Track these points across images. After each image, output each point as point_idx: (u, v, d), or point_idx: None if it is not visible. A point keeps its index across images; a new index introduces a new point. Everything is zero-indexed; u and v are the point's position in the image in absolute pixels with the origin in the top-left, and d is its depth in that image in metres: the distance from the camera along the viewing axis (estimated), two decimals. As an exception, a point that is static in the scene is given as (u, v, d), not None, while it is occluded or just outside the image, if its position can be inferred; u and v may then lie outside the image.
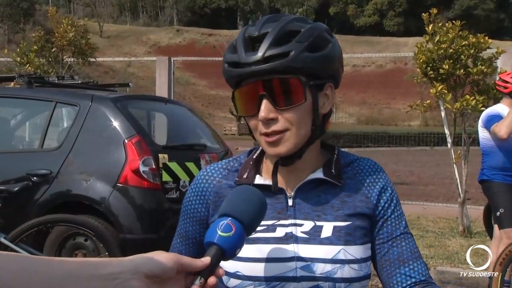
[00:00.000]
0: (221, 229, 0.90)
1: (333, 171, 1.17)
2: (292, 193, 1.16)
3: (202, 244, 1.18)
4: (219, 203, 1.17)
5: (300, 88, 1.08)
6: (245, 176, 1.18)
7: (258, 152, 1.23)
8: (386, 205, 1.17)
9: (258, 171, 1.20)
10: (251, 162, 1.21)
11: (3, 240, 3.60)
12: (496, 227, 4.33)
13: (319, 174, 1.16)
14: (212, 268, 0.85)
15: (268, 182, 1.17)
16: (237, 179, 1.19)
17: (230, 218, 0.92)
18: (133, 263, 0.78)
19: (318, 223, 1.13)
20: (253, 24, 1.12)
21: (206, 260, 0.85)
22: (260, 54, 1.06)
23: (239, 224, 0.91)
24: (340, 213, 1.14)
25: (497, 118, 4.15)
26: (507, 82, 4.29)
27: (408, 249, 1.15)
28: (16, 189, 4.06)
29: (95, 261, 0.78)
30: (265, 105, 1.07)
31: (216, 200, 1.18)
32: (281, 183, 1.17)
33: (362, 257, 1.12)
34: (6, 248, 3.54)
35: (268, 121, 1.08)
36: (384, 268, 1.15)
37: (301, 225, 1.13)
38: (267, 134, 1.10)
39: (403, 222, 1.18)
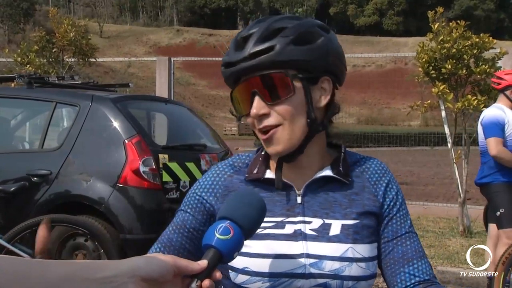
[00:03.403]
0: (219, 232, 0.89)
1: (341, 169, 1.18)
2: (301, 191, 1.17)
3: (200, 236, 1.16)
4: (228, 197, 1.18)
5: (287, 82, 1.09)
6: (255, 171, 1.19)
7: None
8: (392, 203, 1.18)
9: (268, 166, 1.21)
10: (260, 158, 1.22)
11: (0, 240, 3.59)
12: (491, 226, 4.33)
13: (327, 172, 1.17)
14: (209, 271, 0.85)
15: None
16: (247, 175, 1.20)
17: (228, 221, 0.91)
18: (130, 266, 0.77)
19: (327, 221, 1.14)
20: (251, 24, 1.15)
21: (203, 263, 0.85)
22: (246, 51, 1.08)
23: (237, 227, 0.90)
24: (349, 211, 1.15)
25: (495, 127, 4.11)
26: (501, 78, 4.31)
27: (412, 248, 1.15)
28: (13, 189, 4.06)
29: (91, 264, 0.77)
30: (256, 101, 1.10)
31: (225, 194, 1.19)
32: (290, 180, 1.17)
33: (370, 256, 1.13)
34: (2, 248, 3.53)
35: (261, 117, 1.10)
36: (389, 267, 1.15)
37: (309, 222, 1.14)
38: (261, 131, 1.12)
39: (408, 221, 1.19)
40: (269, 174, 1.18)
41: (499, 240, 4.10)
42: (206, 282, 0.84)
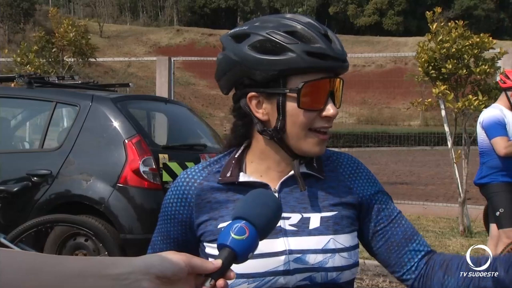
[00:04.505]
0: (235, 232, 0.88)
1: (315, 165, 1.20)
2: (277, 188, 1.17)
3: (185, 244, 1.20)
4: (202, 205, 1.18)
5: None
6: (228, 174, 1.19)
7: (239, 151, 1.23)
8: (374, 191, 1.21)
9: (241, 169, 1.20)
10: (233, 161, 1.21)
11: (2, 240, 3.60)
12: (492, 226, 4.33)
13: (302, 169, 1.18)
14: (223, 271, 0.84)
15: (253, 179, 1.18)
16: (220, 178, 1.19)
17: (244, 221, 0.90)
18: (144, 264, 0.77)
19: (305, 215, 1.15)
20: (303, 19, 1.12)
21: (218, 262, 0.84)
22: (343, 51, 1.11)
23: (253, 228, 0.90)
24: (326, 203, 1.17)
25: (498, 127, 4.08)
26: (508, 77, 4.22)
27: (408, 226, 1.20)
28: (16, 189, 4.06)
29: (104, 260, 0.77)
30: (332, 102, 1.13)
31: (199, 202, 1.19)
32: (265, 179, 1.18)
33: (351, 245, 1.15)
34: (5, 248, 3.54)
35: (332, 118, 1.14)
36: (392, 250, 1.17)
37: (288, 218, 1.15)
38: (323, 132, 1.13)
39: (393, 203, 1.23)
40: (243, 177, 1.18)
41: (499, 240, 4.11)
42: (220, 281, 0.83)
